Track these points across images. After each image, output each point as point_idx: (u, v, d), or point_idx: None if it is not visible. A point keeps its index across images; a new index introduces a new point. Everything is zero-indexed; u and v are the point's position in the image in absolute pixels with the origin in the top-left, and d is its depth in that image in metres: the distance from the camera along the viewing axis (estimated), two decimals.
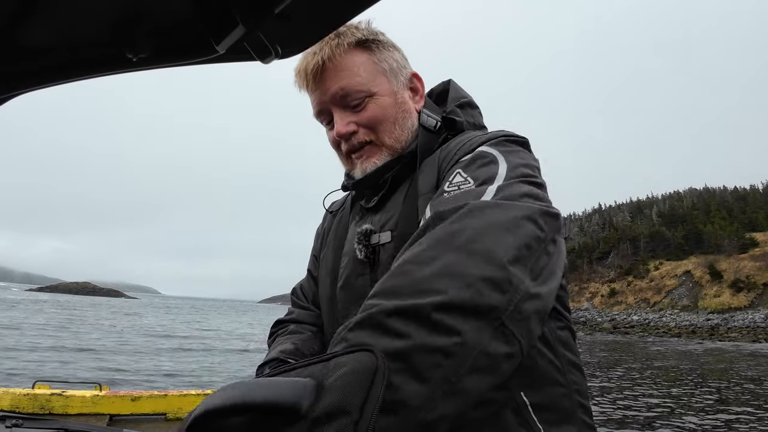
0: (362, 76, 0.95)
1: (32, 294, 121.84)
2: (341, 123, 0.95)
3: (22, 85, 0.59)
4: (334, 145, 1.02)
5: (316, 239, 1.22)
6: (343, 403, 0.46)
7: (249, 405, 0.47)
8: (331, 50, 0.93)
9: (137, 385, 10.91)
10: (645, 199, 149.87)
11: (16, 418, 1.11)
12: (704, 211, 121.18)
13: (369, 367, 0.49)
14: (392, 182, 0.97)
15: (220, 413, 0.48)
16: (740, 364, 24.96)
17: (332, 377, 0.49)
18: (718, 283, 77.79)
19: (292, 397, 0.46)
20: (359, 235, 0.94)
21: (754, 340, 49.49)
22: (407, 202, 0.92)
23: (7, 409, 4.01)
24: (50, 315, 38.62)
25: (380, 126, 0.96)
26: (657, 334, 59.30)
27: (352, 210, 1.09)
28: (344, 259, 0.99)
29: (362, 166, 0.98)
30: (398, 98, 0.99)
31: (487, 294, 0.55)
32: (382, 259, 0.91)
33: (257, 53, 0.54)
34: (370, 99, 0.96)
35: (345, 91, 0.94)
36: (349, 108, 0.96)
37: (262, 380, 0.51)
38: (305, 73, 0.95)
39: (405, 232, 0.87)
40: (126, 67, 0.57)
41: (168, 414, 6.68)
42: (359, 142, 0.97)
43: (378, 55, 0.98)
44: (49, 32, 0.53)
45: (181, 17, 0.54)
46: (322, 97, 0.96)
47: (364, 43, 0.97)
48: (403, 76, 1.01)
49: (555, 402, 0.83)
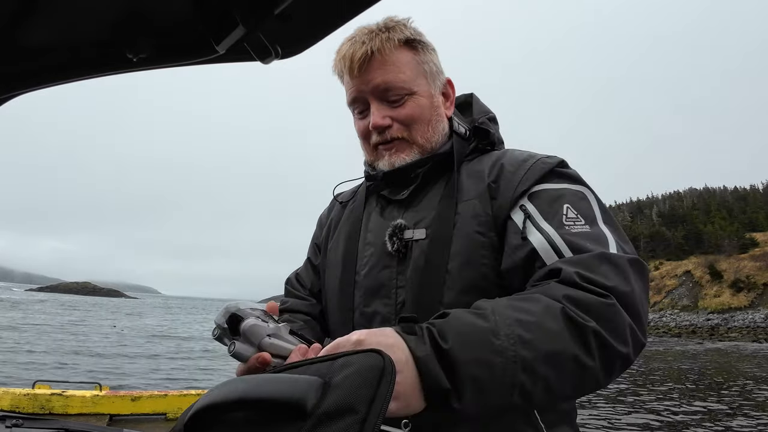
0: (406, 74, 0.98)
1: (32, 294, 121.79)
2: (378, 115, 0.98)
3: (22, 85, 0.59)
4: (362, 135, 1.04)
5: (319, 227, 1.22)
6: (350, 401, 0.46)
7: (253, 400, 0.47)
8: (381, 43, 0.96)
9: (137, 385, 10.90)
10: (645, 199, 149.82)
11: (16, 418, 1.11)
12: (704, 211, 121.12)
13: (376, 368, 0.49)
14: (423, 179, 1.00)
15: (223, 407, 0.48)
16: (740, 364, 24.95)
17: (339, 376, 0.49)
18: (718, 283, 77.75)
19: (298, 394, 0.46)
20: (393, 228, 0.96)
21: (754, 340, 49.48)
22: (444, 203, 0.95)
23: (7, 409, 4.00)
24: (51, 315, 38.60)
25: (415, 125, 0.99)
26: (657, 334, 59.28)
27: (368, 201, 1.09)
28: (368, 248, 1.01)
29: (390, 159, 1.00)
30: (434, 101, 1.02)
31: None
32: (415, 254, 0.93)
33: (257, 53, 0.54)
34: (410, 97, 0.98)
35: (388, 86, 0.97)
36: (387, 102, 0.98)
37: (268, 376, 0.51)
38: (351, 60, 0.96)
39: (440, 232, 0.91)
40: (126, 67, 0.57)
41: (168, 414, 6.68)
42: (392, 136, 0.99)
43: (422, 56, 1.01)
44: (49, 32, 0.53)
45: (181, 17, 0.54)
46: (363, 86, 0.98)
47: (411, 43, 1.00)
48: (439, 80, 1.05)
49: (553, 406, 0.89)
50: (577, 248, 0.79)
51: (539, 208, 0.88)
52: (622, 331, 0.70)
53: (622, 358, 0.70)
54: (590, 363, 0.66)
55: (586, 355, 0.66)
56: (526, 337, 0.64)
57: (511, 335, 0.63)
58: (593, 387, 0.70)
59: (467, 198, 0.94)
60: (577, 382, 0.67)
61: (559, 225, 0.84)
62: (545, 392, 0.65)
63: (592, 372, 0.67)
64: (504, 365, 0.62)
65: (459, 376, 0.60)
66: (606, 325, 0.68)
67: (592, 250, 0.78)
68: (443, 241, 0.91)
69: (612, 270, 0.74)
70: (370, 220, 1.06)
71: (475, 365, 0.61)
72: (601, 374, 0.69)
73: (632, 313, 0.72)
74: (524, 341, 0.63)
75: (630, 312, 0.72)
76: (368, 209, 1.08)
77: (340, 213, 1.16)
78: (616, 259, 0.76)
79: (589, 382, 0.69)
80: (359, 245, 1.03)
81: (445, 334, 0.62)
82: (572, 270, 0.74)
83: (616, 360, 0.70)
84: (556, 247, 0.81)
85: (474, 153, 1.04)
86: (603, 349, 0.68)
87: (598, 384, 0.70)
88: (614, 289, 0.71)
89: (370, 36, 0.97)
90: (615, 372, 0.71)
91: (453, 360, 0.60)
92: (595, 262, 0.75)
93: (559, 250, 0.81)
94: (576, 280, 0.72)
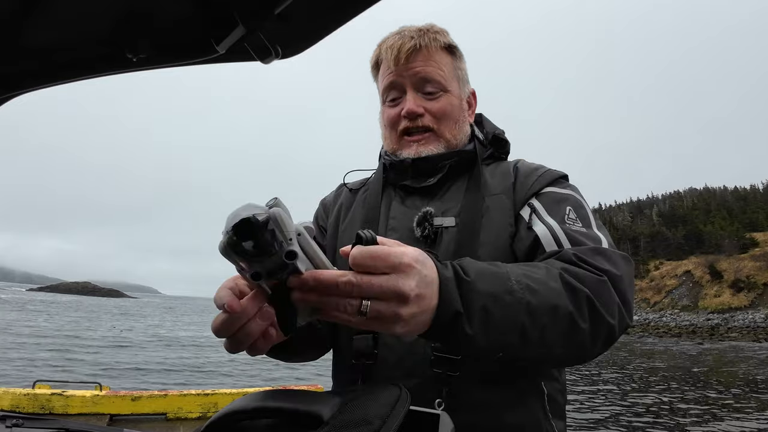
0: (444, 72, 1.07)
1: (32, 294, 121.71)
2: (413, 102, 1.05)
3: (22, 85, 0.59)
4: (390, 122, 1.09)
5: (324, 210, 1.23)
6: (366, 415, 0.49)
7: (272, 409, 0.50)
8: (429, 41, 1.05)
9: (137, 385, 10.91)
10: (645, 199, 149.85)
11: (16, 418, 1.11)
12: (704, 211, 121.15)
13: (393, 394, 0.54)
14: (449, 170, 1.07)
15: (242, 414, 0.51)
16: (740, 364, 24.96)
17: (358, 399, 0.53)
18: (718, 283, 77.75)
19: (316, 407, 0.50)
20: (424, 214, 1.00)
21: (754, 340, 49.48)
22: (470, 195, 1.03)
23: (7, 409, 4.00)
24: (51, 315, 38.60)
25: (445, 119, 1.07)
26: (657, 334, 59.30)
27: (384, 190, 1.13)
28: (391, 234, 1.04)
29: (417, 148, 1.06)
30: (462, 104, 1.12)
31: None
32: (445, 240, 0.98)
33: (257, 53, 0.54)
34: (444, 94, 1.07)
35: (428, 77, 1.05)
36: (423, 93, 1.06)
37: (292, 391, 0.55)
38: (398, 50, 1.04)
39: (469, 221, 0.99)
40: (126, 67, 0.57)
41: (168, 414, 6.68)
42: (423, 125, 1.06)
43: (457, 63, 1.11)
44: (49, 32, 0.53)
45: (181, 17, 0.54)
46: (404, 73, 1.05)
47: (452, 49, 1.10)
48: (467, 88, 1.15)
49: (555, 397, 0.97)
50: (576, 242, 0.89)
51: (545, 206, 0.98)
52: (611, 305, 0.77)
53: (609, 328, 0.77)
54: (582, 324, 0.73)
55: (579, 316, 0.73)
56: (533, 287, 0.71)
57: (521, 282, 0.71)
58: (580, 351, 0.76)
59: (494, 192, 1.03)
60: (568, 340, 0.73)
61: (561, 221, 0.94)
62: (540, 342, 0.70)
63: (582, 334, 0.73)
64: (512, 303, 0.68)
65: (473, 304, 0.65)
66: (597, 295, 0.75)
67: (589, 245, 0.88)
68: (472, 229, 0.97)
69: (605, 260, 0.83)
70: (391, 207, 1.09)
71: (488, 297, 0.67)
72: (589, 339, 0.74)
73: (621, 295, 0.80)
74: (531, 290, 0.70)
75: (619, 293, 0.79)
76: (386, 198, 1.11)
77: (351, 199, 1.18)
78: (609, 252, 0.86)
79: (577, 344, 0.74)
80: (380, 230, 1.06)
81: (467, 270, 0.68)
82: (571, 252, 0.84)
83: (604, 329, 0.76)
84: (558, 239, 0.91)
85: (489, 159, 1.13)
86: (594, 315, 0.74)
87: (584, 348, 0.76)
88: (607, 271, 0.80)
89: (419, 33, 1.05)
90: (599, 341, 0.77)
91: (471, 288, 0.66)
92: (591, 253, 0.84)
93: (559, 241, 0.90)
94: (573, 260, 0.81)
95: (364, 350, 0.94)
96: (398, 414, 0.51)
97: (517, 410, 0.90)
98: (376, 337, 0.95)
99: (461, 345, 0.67)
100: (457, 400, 0.86)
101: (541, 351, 0.71)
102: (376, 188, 1.13)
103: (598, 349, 0.78)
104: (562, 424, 0.98)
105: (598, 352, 0.79)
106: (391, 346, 0.93)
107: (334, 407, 0.50)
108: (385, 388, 0.56)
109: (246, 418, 0.51)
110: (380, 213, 1.08)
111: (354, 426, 0.47)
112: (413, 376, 0.90)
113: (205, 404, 6.78)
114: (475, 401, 0.88)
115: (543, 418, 0.93)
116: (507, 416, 0.89)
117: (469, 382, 0.88)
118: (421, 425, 0.58)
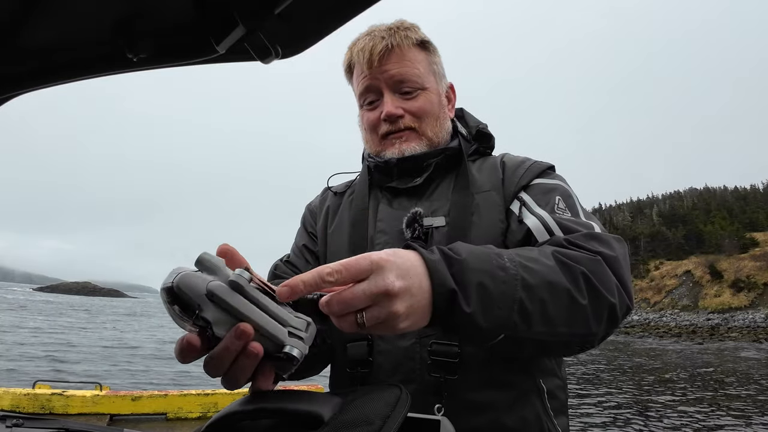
0: (420, 70, 1.05)
1: (33, 294, 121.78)
2: (392, 104, 1.03)
3: (22, 85, 0.59)
4: (371, 126, 1.08)
5: (311, 215, 1.22)
6: (367, 416, 0.49)
7: (273, 409, 0.50)
8: (401, 40, 1.03)
9: (137, 385, 10.91)
10: (645, 199, 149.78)
11: (16, 418, 1.11)
12: (704, 211, 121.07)
13: (393, 394, 0.54)
14: (435, 169, 1.05)
15: (241, 415, 0.52)
16: (740, 364, 24.95)
17: (358, 399, 0.53)
18: (718, 282, 77.71)
19: (316, 407, 0.50)
20: (413, 215, 0.99)
21: (754, 340, 49.43)
22: (458, 193, 1.01)
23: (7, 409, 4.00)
24: (50, 316, 38.61)
25: (426, 117, 1.05)
26: (657, 334, 59.26)
27: (371, 192, 1.11)
28: (380, 236, 1.03)
29: (401, 147, 1.04)
30: (441, 99, 1.10)
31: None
32: (436, 241, 0.96)
33: (257, 53, 0.54)
34: (422, 92, 1.05)
35: (403, 78, 1.03)
36: (400, 94, 1.05)
37: (292, 391, 0.55)
38: (370, 53, 1.02)
39: (460, 219, 0.98)
40: (126, 67, 0.57)
41: (168, 414, 6.68)
42: (404, 126, 1.04)
43: (432, 57, 1.09)
44: (49, 32, 0.53)
45: (181, 17, 0.54)
46: (378, 76, 1.04)
47: (425, 44, 1.08)
48: (444, 83, 1.13)
49: (556, 393, 0.97)
50: (568, 229, 0.89)
51: (534, 198, 0.98)
52: (609, 284, 0.75)
53: (610, 306, 0.75)
54: (582, 301, 0.71)
55: (577, 292, 0.72)
56: (527, 265, 0.70)
57: (514, 260, 0.70)
58: (585, 329, 0.74)
59: (484, 189, 1.02)
60: (570, 315, 0.71)
61: (551, 211, 0.94)
62: (543, 318, 0.69)
63: (583, 310, 0.72)
64: (507, 279, 0.67)
65: (467, 281, 0.64)
66: (593, 272, 0.74)
67: (581, 231, 0.86)
68: (463, 228, 0.96)
69: (598, 243, 0.82)
70: (379, 209, 1.07)
71: (482, 273, 0.66)
72: (592, 316, 0.73)
73: (618, 275, 0.78)
74: (525, 267, 0.70)
75: (615, 273, 0.78)
76: (373, 200, 1.10)
77: (337, 202, 1.17)
78: (602, 236, 0.85)
79: (580, 320, 0.72)
80: (369, 232, 1.04)
81: (458, 250, 0.68)
82: (562, 237, 0.84)
83: (605, 307, 0.74)
84: (549, 228, 0.91)
85: (475, 155, 1.11)
86: (592, 291, 0.73)
87: (588, 327, 0.73)
88: (600, 252, 0.79)
89: (389, 33, 1.03)
90: (603, 320, 0.75)
91: (463, 266, 0.65)
92: (584, 238, 0.83)
93: (551, 230, 0.90)
94: (564, 244, 0.81)
95: (359, 358, 0.93)
96: (399, 414, 0.50)
97: (517, 410, 0.90)
98: (371, 344, 0.94)
99: (462, 327, 0.65)
100: (457, 405, 0.86)
101: (545, 329, 0.70)
102: (362, 190, 1.12)
103: (602, 329, 0.76)
104: (564, 421, 0.97)
105: (603, 332, 0.77)
106: (387, 352, 0.92)
107: (334, 407, 0.50)
108: (385, 388, 0.56)
109: (246, 419, 0.51)
110: (368, 215, 1.07)
111: (354, 426, 0.47)
112: (411, 381, 0.89)
113: (206, 404, 6.78)
114: (475, 404, 0.88)
115: (544, 416, 0.92)
116: (507, 417, 0.89)
117: (468, 386, 0.87)
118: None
